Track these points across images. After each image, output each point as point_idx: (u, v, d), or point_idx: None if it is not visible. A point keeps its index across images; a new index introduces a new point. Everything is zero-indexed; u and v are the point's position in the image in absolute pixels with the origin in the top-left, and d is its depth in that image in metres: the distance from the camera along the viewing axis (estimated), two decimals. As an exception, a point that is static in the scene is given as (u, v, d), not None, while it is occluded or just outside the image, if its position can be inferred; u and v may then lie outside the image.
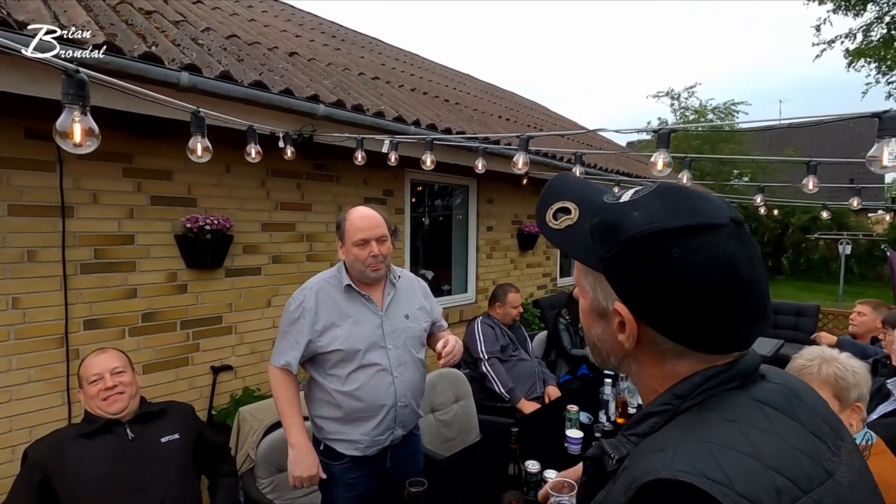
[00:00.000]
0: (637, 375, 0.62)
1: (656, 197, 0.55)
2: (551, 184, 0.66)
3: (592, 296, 0.61)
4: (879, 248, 13.05)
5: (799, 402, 0.56)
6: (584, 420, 2.27)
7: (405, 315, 1.83)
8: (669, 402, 0.55)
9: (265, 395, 2.93)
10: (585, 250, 0.58)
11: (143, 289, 2.57)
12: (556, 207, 0.62)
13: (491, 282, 4.88)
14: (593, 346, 0.65)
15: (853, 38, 11.50)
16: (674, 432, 0.53)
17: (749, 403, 0.53)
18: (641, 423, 0.57)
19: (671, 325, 0.54)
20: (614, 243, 0.54)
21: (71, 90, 1.02)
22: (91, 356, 1.70)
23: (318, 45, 4.70)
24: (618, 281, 0.56)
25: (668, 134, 1.61)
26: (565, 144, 5.99)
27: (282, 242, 3.16)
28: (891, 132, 1.10)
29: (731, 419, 0.51)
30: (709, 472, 0.45)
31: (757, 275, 0.53)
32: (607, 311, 0.59)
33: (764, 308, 0.55)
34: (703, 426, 0.51)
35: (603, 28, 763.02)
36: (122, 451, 1.59)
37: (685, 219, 0.52)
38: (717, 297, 0.51)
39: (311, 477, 1.70)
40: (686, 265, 0.51)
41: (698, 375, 0.55)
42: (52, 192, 2.25)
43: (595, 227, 0.58)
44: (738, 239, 0.52)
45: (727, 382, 0.54)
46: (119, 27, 2.31)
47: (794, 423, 0.53)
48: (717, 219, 0.52)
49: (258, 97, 2.47)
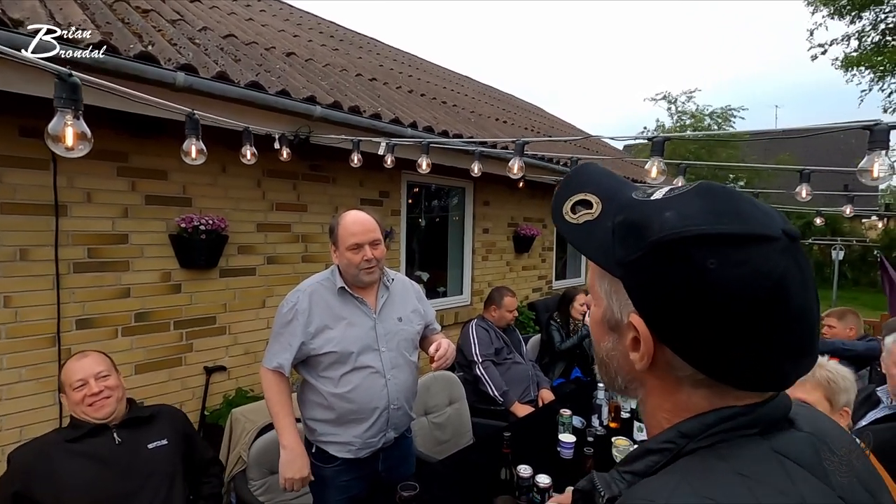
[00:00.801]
0: (644, 403, 0.54)
1: (696, 197, 0.46)
2: (574, 172, 0.58)
3: (606, 304, 0.53)
4: (872, 254, 13.16)
5: (831, 456, 0.47)
6: (577, 424, 2.27)
7: (398, 318, 1.83)
8: (673, 441, 0.48)
9: (258, 396, 2.92)
10: (603, 251, 0.50)
11: (137, 288, 2.56)
12: (575, 199, 0.54)
13: (486, 284, 4.88)
14: (601, 362, 0.57)
15: (847, 42, 11.62)
16: (671, 479, 0.45)
17: (768, 456, 0.45)
18: (639, 461, 0.50)
19: (695, 350, 0.45)
20: (638, 246, 0.46)
21: (63, 94, 1.02)
22: (72, 361, 1.65)
23: (315, 45, 4.69)
24: (637, 290, 0.48)
25: (663, 142, 1.62)
26: (562, 148, 6.00)
27: (277, 243, 3.16)
28: (881, 144, 1.11)
29: (742, 473, 0.43)
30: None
31: (809, 301, 0.44)
32: (621, 324, 0.51)
33: (812, 342, 0.46)
34: (706, 477, 0.43)
35: (601, 31, 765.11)
36: (109, 456, 1.57)
37: (728, 225, 0.43)
38: (756, 323, 0.42)
39: (301, 479, 1.69)
40: (722, 280, 0.42)
41: (712, 414, 0.46)
42: (46, 191, 2.24)
43: (618, 227, 0.50)
44: (792, 256, 0.43)
45: (745, 427, 0.46)
46: (115, 26, 2.30)
47: (820, 486, 0.44)
48: (769, 230, 0.43)
49: (254, 98, 2.47)
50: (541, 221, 5.73)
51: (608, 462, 1.86)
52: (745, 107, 16.08)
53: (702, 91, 41.89)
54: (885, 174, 1.12)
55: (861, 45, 11.64)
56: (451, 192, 4.77)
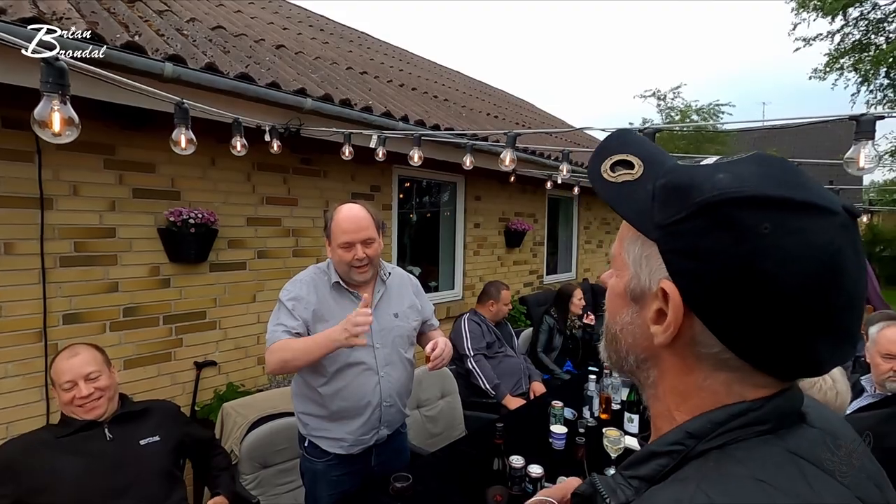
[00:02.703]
0: (654, 387, 0.50)
1: (752, 164, 0.43)
2: (616, 133, 0.54)
3: (633, 272, 0.49)
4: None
5: (841, 452, 0.45)
6: (569, 416, 2.29)
7: (395, 314, 1.80)
8: (681, 443, 0.44)
9: (249, 390, 2.91)
10: (641, 214, 0.47)
11: (125, 283, 2.53)
12: (616, 159, 0.51)
13: (478, 279, 4.89)
14: (613, 338, 0.53)
15: (831, 39, 11.84)
16: (685, 489, 0.41)
17: (784, 458, 0.42)
18: (644, 465, 0.47)
19: (730, 323, 0.41)
20: (683, 206, 0.42)
21: (50, 78, 0.99)
22: (62, 358, 1.59)
23: (305, 38, 4.65)
24: (675, 253, 0.43)
25: (653, 134, 1.63)
26: (553, 142, 6.02)
27: (267, 237, 3.13)
28: (867, 135, 1.12)
29: (761, 479, 0.40)
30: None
31: (860, 284, 0.42)
32: (647, 293, 0.47)
33: (856, 328, 0.43)
34: (723, 486, 0.40)
35: (590, 28, 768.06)
36: (100, 452, 1.55)
37: (789, 191, 0.40)
38: (804, 298, 0.39)
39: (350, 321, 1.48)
40: (776, 246, 0.39)
41: (720, 411, 0.44)
42: (31, 184, 2.20)
43: (659, 189, 0.46)
44: (850, 235, 0.40)
45: (757, 424, 0.43)
46: (101, 16, 2.26)
47: (837, 486, 0.42)
48: (830, 203, 0.40)
49: (244, 90, 2.44)
50: (532, 216, 5.75)
51: (599, 452, 1.88)
52: (732, 103, 16.24)
53: (689, 87, 42.24)
54: (870, 163, 1.14)
55: (843, 43, 11.86)
56: (443, 187, 4.76)
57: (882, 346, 1.86)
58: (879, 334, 1.90)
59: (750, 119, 14.22)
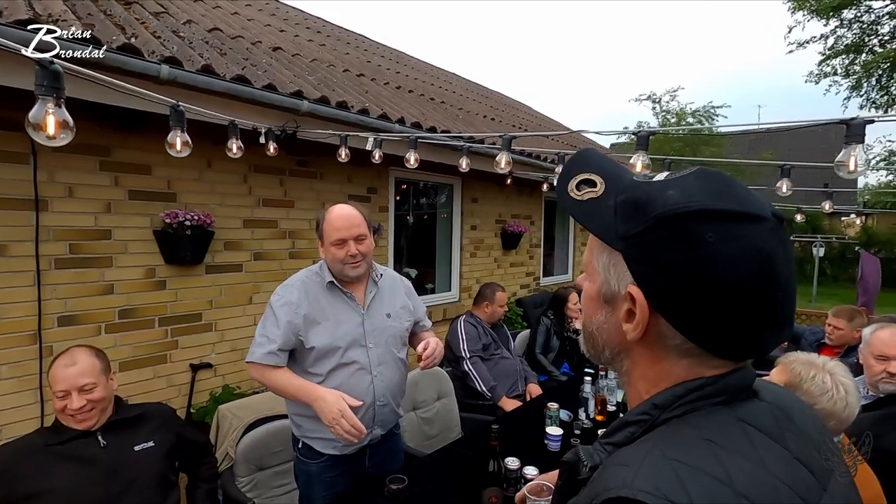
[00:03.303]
0: (627, 374, 0.58)
1: (697, 179, 0.51)
2: (579, 154, 0.61)
3: (603, 278, 0.56)
4: (852, 251, 13.46)
5: (789, 424, 0.53)
6: (565, 418, 2.29)
7: (387, 314, 1.82)
8: (648, 412, 0.52)
9: (245, 392, 2.90)
10: (606, 227, 0.54)
11: (121, 285, 2.52)
12: (580, 178, 0.57)
13: (475, 281, 4.90)
14: (589, 335, 0.61)
15: (825, 41, 11.96)
16: (644, 446, 0.49)
17: (732, 423, 0.49)
18: (618, 432, 0.54)
19: (688, 318, 0.49)
20: (640, 220, 0.50)
21: (45, 81, 0.99)
22: (59, 364, 1.53)
23: (302, 40, 4.66)
24: (638, 261, 0.51)
25: (647, 136, 1.64)
26: (549, 145, 6.04)
27: (264, 239, 3.13)
28: (857, 138, 1.14)
29: (708, 438, 0.47)
30: (671, 495, 0.42)
31: (791, 277, 0.49)
32: (617, 296, 0.54)
33: (791, 315, 0.51)
34: (675, 443, 0.48)
35: (587, 30, 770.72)
36: (94, 459, 1.53)
37: (726, 203, 0.47)
38: (747, 294, 0.47)
39: (341, 412, 1.52)
40: (720, 253, 0.46)
41: (681, 387, 0.51)
42: (26, 185, 2.20)
43: (620, 204, 0.53)
44: (780, 236, 0.48)
45: (712, 396, 0.50)
46: (97, 17, 2.26)
47: (779, 449, 0.49)
48: (762, 211, 0.48)
49: (240, 92, 2.44)
50: (528, 218, 5.76)
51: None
52: (727, 104, 16.28)
53: (685, 90, 42.36)
54: (861, 167, 1.15)
55: (837, 44, 11.97)
56: (440, 189, 4.77)
57: (875, 348, 1.87)
58: (873, 336, 1.91)
59: (744, 122, 14.26)
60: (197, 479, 1.81)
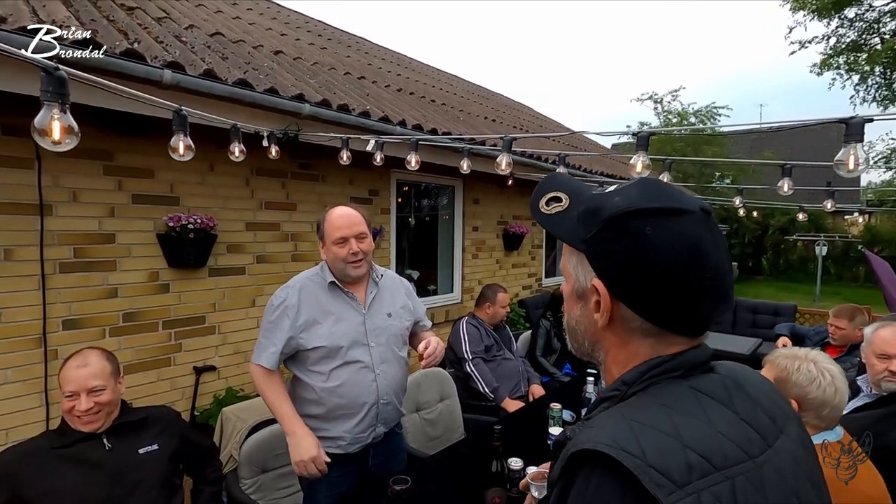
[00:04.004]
0: (605, 362, 0.66)
1: (635, 186, 0.61)
2: (547, 177, 0.73)
3: (574, 277, 0.66)
4: (855, 250, 13.40)
5: (739, 392, 0.60)
6: (567, 418, 2.29)
7: (388, 313, 1.84)
8: (618, 389, 0.61)
9: (249, 395, 2.91)
10: (571, 233, 0.64)
11: (124, 288, 2.53)
12: (549, 196, 0.68)
13: (477, 282, 4.90)
14: (571, 330, 0.69)
15: (827, 41, 11.95)
16: (610, 413, 0.58)
17: (685, 392, 0.57)
18: (596, 409, 0.62)
19: (641, 301, 0.58)
20: (595, 223, 0.60)
21: (50, 87, 1.01)
22: (71, 366, 1.54)
23: (303, 43, 4.68)
24: (596, 258, 0.61)
25: (647, 137, 1.65)
26: (550, 146, 6.04)
27: (266, 242, 3.15)
28: (856, 137, 1.14)
29: (664, 404, 0.55)
30: (625, 445, 0.50)
31: (721, 258, 0.58)
32: (586, 291, 0.63)
33: (727, 290, 0.59)
34: (635, 408, 0.56)
35: (588, 32, 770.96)
36: (99, 462, 1.54)
37: (659, 202, 0.58)
38: (682, 274, 0.56)
39: (312, 458, 1.62)
40: (657, 242, 0.56)
41: (644, 365, 0.60)
42: (31, 190, 2.22)
43: (581, 214, 0.63)
44: (706, 225, 0.57)
45: (670, 371, 0.59)
46: (100, 23, 2.28)
47: (726, 412, 0.57)
48: (688, 206, 0.58)
49: (242, 96, 2.46)
50: (530, 219, 5.76)
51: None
52: (729, 106, 16.27)
53: (686, 89, 42.28)
54: (860, 166, 1.15)
55: (839, 44, 11.95)
56: (441, 191, 4.78)
57: (877, 346, 1.87)
58: (874, 334, 1.91)
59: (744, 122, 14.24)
60: (201, 482, 1.82)
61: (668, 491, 0.47)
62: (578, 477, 0.53)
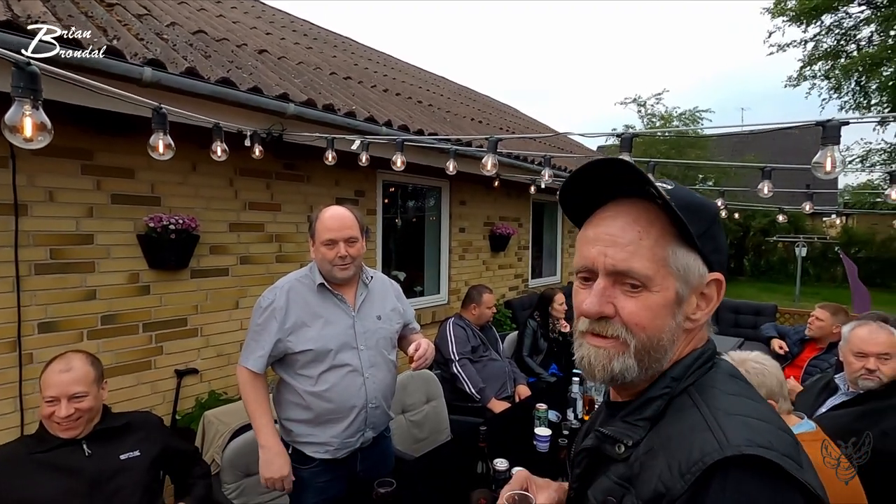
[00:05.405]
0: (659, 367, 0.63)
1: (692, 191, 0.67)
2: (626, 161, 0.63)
3: (682, 280, 0.61)
4: (833, 251, 13.72)
5: None
6: (553, 418, 2.30)
7: (377, 316, 1.82)
8: (668, 386, 0.61)
9: (232, 398, 2.87)
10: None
11: (103, 290, 2.48)
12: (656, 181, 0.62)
13: (463, 283, 4.90)
14: (657, 347, 0.61)
15: (804, 45, 12.25)
16: (695, 414, 0.58)
17: (728, 379, 0.62)
18: (646, 408, 0.62)
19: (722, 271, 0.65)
20: (705, 219, 0.62)
21: (21, 83, 0.98)
22: (53, 370, 1.50)
23: (288, 43, 4.64)
24: (714, 252, 0.63)
25: (631, 139, 1.66)
26: (535, 147, 6.07)
27: (250, 243, 3.10)
28: (833, 140, 1.16)
29: (729, 392, 0.59)
30: (759, 441, 0.52)
31: None
32: (698, 288, 0.63)
33: None
34: (716, 403, 0.58)
35: (573, 35, 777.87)
36: (78, 468, 1.50)
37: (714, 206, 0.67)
38: None
39: (282, 478, 1.66)
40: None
41: (688, 357, 0.63)
42: (5, 189, 2.15)
43: (682, 209, 0.58)
44: None
45: (706, 362, 0.63)
46: (78, 19, 2.23)
47: (749, 385, 0.63)
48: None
49: (225, 94, 2.42)
50: (516, 220, 5.78)
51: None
52: (711, 109, 16.55)
53: (670, 93, 42.91)
54: (837, 168, 1.18)
55: (816, 50, 12.25)
56: (428, 192, 4.77)
57: (854, 345, 1.90)
58: (851, 333, 1.94)
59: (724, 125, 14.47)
60: (191, 478, 1.79)
61: (801, 473, 0.52)
62: (714, 483, 0.52)
